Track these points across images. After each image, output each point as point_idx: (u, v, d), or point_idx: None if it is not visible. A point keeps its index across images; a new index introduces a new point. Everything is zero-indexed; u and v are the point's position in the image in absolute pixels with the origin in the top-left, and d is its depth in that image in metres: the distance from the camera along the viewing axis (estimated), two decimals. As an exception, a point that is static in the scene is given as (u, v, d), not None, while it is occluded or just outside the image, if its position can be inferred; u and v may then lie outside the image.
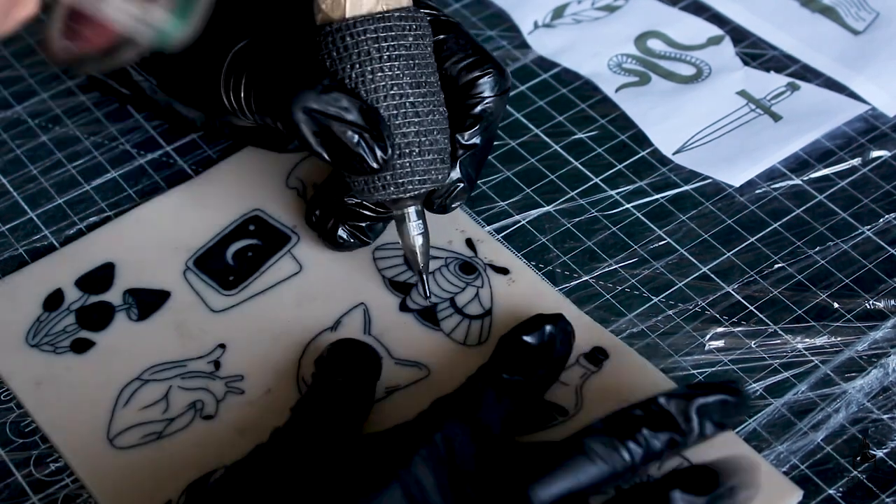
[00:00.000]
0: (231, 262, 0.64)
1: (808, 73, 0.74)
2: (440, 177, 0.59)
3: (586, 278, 0.64)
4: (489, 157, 0.69)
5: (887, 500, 0.55)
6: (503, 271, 0.63)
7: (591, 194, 0.68)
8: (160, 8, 0.37)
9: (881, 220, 0.66)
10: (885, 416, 0.58)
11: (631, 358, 0.59)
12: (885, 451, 0.57)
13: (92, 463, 0.57)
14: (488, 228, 0.66)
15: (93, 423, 0.58)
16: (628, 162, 0.69)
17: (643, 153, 0.70)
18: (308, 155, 0.68)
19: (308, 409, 0.54)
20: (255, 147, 0.69)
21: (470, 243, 0.64)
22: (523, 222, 0.66)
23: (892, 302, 0.62)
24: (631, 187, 0.68)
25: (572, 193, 0.68)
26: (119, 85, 0.70)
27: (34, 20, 0.41)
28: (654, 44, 0.76)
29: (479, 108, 0.60)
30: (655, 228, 0.66)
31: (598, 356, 0.59)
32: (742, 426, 0.57)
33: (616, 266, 0.64)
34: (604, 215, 0.67)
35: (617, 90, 0.73)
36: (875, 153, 0.69)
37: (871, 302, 0.62)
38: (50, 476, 0.57)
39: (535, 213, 0.67)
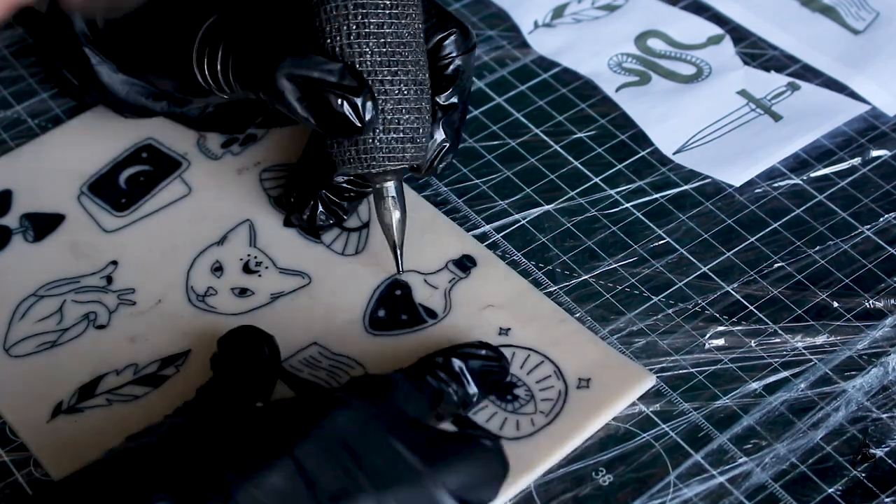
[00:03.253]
0: (124, 186, 0.68)
1: (808, 73, 0.74)
2: (407, 156, 0.60)
3: (586, 277, 0.64)
4: (489, 157, 0.69)
5: (886, 499, 0.55)
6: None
7: (591, 194, 0.68)
8: None
9: (881, 219, 0.66)
10: (884, 416, 0.58)
11: (497, 266, 0.64)
12: (884, 450, 0.57)
13: None
14: (488, 227, 0.66)
15: None
16: (628, 161, 0.69)
17: (643, 153, 0.70)
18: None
19: (212, 388, 0.55)
20: (216, 132, 0.71)
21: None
22: (523, 222, 0.66)
23: (892, 301, 0.62)
24: (631, 187, 0.68)
25: (572, 193, 0.68)
26: (76, 75, 0.69)
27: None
28: (655, 43, 0.76)
29: (451, 69, 0.62)
30: (655, 228, 0.66)
31: (466, 263, 0.64)
32: (741, 425, 0.57)
33: (616, 265, 0.64)
34: (603, 214, 0.67)
35: (617, 90, 0.73)
36: (875, 153, 0.69)
37: (870, 301, 0.62)
38: (49, 476, 0.57)
39: (535, 212, 0.67)
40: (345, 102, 0.57)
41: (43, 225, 0.66)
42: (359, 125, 0.57)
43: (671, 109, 0.72)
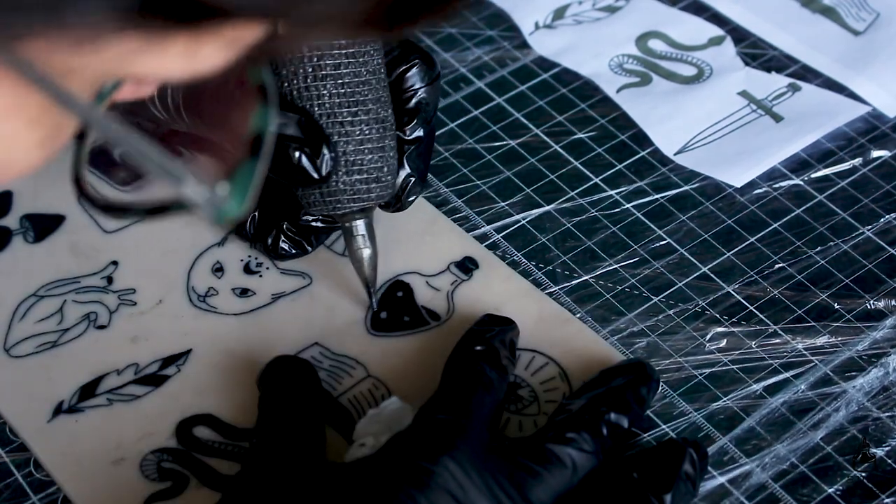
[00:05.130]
0: None
1: (808, 74, 0.74)
2: (373, 196, 0.59)
3: (586, 278, 0.64)
4: (490, 157, 0.69)
5: (887, 499, 0.55)
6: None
7: (592, 194, 0.68)
8: (223, 189, 0.38)
9: (881, 220, 0.66)
10: (884, 416, 0.58)
11: (499, 268, 0.64)
12: (884, 450, 0.57)
13: None
14: (488, 228, 0.66)
15: None
16: (628, 162, 0.69)
17: (643, 153, 0.70)
18: None
19: (271, 438, 0.55)
20: None
21: None
22: (523, 222, 0.66)
23: (893, 302, 0.62)
24: (631, 187, 0.68)
25: (572, 193, 0.68)
26: None
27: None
28: (655, 44, 0.76)
29: (413, 102, 0.61)
30: (656, 228, 0.66)
31: (468, 265, 0.64)
32: (741, 425, 0.57)
33: (616, 266, 0.64)
34: (604, 215, 0.67)
35: (618, 91, 0.73)
36: (875, 153, 0.69)
37: (871, 302, 0.62)
38: (50, 476, 0.57)
39: (535, 212, 0.67)
40: (303, 155, 0.57)
41: (43, 226, 0.67)
42: (317, 177, 0.57)
43: (672, 110, 0.72)
